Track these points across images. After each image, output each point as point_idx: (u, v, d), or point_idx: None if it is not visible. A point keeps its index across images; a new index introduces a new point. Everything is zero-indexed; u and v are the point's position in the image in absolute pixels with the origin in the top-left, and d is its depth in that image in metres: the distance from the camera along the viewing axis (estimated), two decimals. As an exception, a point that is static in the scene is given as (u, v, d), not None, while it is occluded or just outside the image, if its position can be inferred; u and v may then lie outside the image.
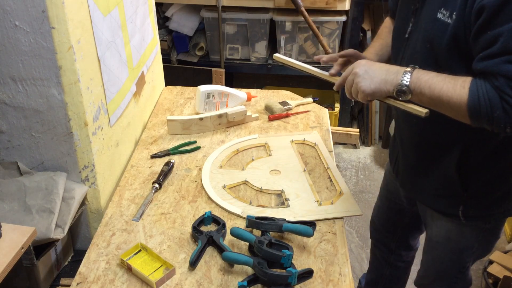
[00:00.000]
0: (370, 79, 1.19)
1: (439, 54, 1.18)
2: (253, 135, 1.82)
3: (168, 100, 2.08)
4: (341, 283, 1.24)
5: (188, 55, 3.17)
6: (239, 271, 1.27)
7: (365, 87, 1.20)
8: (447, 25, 1.14)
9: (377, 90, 1.20)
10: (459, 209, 1.36)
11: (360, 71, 1.21)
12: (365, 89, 1.20)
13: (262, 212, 1.44)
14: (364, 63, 1.23)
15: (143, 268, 1.26)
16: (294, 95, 2.14)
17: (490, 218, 1.39)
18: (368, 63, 1.23)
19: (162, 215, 1.45)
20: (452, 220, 1.41)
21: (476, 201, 1.35)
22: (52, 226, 1.35)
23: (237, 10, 2.95)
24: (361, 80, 1.20)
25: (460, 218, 1.37)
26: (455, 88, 1.11)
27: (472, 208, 1.36)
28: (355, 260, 2.50)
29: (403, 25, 1.31)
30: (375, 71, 1.20)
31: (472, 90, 1.09)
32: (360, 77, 1.20)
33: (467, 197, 1.34)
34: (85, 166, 1.47)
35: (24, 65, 1.31)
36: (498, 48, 1.05)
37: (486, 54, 1.08)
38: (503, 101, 1.06)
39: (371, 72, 1.20)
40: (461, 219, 1.37)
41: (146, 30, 1.90)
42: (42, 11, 1.23)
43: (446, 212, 1.41)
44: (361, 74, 1.21)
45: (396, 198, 1.68)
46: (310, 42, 3.03)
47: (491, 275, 2.17)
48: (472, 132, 1.20)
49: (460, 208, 1.36)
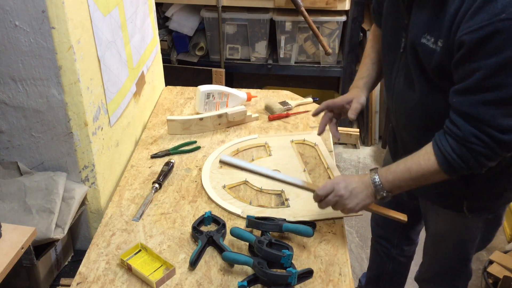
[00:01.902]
0: (355, 198, 1.26)
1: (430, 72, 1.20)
2: (253, 135, 1.82)
3: (168, 100, 2.09)
4: (341, 283, 1.24)
5: (188, 55, 3.17)
6: (239, 271, 1.27)
7: (353, 206, 1.27)
8: (433, 51, 1.16)
9: (364, 206, 1.28)
10: (463, 205, 1.37)
11: (345, 193, 1.26)
12: (354, 208, 1.27)
13: (262, 212, 1.44)
14: (342, 182, 1.27)
15: (143, 268, 1.26)
16: (294, 95, 2.14)
17: (494, 208, 1.41)
18: (346, 180, 1.28)
19: (162, 215, 1.45)
20: (456, 214, 1.41)
21: (479, 195, 1.36)
22: (52, 226, 1.35)
23: (237, 10, 2.96)
24: (348, 202, 1.27)
25: (464, 212, 1.38)
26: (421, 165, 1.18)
27: (476, 202, 1.37)
28: (355, 260, 2.50)
29: (396, 40, 1.31)
30: (356, 188, 1.26)
31: (437, 155, 1.15)
32: (347, 199, 1.26)
33: (470, 192, 1.34)
34: (85, 166, 1.47)
35: (24, 65, 1.31)
36: (473, 83, 1.07)
37: (461, 87, 1.11)
38: (470, 151, 1.11)
39: (354, 191, 1.26)
40: (466, 213, 1.38)
41: (146, 30, 1.90)
42: (42, 11, 1.23)
43: (451, 207, 1.41)
44: (346, 195, 1.26)
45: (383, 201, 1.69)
46: (310, 42, 3.03)
47: (491, 275, 2.17)
48: None
49: (465, 203, 1.37)
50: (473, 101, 1.09)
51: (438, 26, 1.13)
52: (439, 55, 1.14)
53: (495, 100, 1.07)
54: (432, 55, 1.16)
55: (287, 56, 3.08)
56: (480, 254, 2.53)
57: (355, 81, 1.55)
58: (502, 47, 1.02)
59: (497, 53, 1.03)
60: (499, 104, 1.07)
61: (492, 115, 1.08)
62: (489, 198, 1.37)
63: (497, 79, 1.05)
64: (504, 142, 1.09)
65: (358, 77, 1.55)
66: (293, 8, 2.81)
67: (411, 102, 1.30)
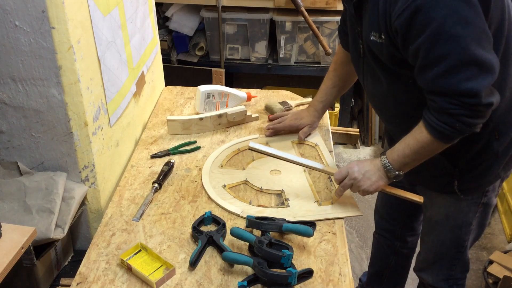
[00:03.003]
0: (368, 180, 1.37)
1: (387, 64, 1.31)
2: (254, 135, 1.82)
3: (168, 100, 2.09)
4: (341, 283, 1.24)
5: (188, 55, 3.17)
6: (239, 271, 1.27)
7: (368, 187, 1.38)
8: (381, 45, 1.27)
9: (379, 187, 1.38)
10: (454, 185, 1.43)
11: (358, 176, 1.38)
12: (369, 189, 1.38)
13: (261, 212, 1.44)
14: (355, 167, 1.39)
15: (143, 268, 1.26)
16: (294, 95, 2.14)
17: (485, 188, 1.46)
18: (359, 165, 1.40)
19: (162, 215, 1.45)
20: (449, 197, 1.48)
21: (468, 175, 1.42)
22: (52, 226, 1.35)
23: (237, 10, 2.95)
24: (362, 183, 1.38)
25: (457, 193, 1.44)
26: (417, 138, 1.28)
27: (466, 181, 1.43)
28: (355, 260, 2.50)
29: (356, 47, 1.44)
30: (368, 171, 1.38)
31: (427, 127, 1.25)
32: (361, 181, 1.37)
33: (459, 172, 1.41)
34: (85, 166, 1.47)
35: (24, 65, 1.31)
36: (422, 62, 1.17)
37: (416, 68, 1.21)
38: (452, 116, 1.19)
39: (367, 173, 1.37)
40: (458, 193, 1.44)
41: (146, 30, 1.90)
42: (42, 11, 1.23)
43: (443, 190, 1.48)
44: (360, 178, 1.38)
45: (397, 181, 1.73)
46: (310, 42, 3.03)
47: (491, 275, 2.17)
48: None
49: (455, 183, 1.43)
50: (431, 77, 1.18)
51: (377, 21, 1.24)
52: (386, 47, 1.25)
53: (447, 69, 1.15)
54: (382, 49, 1.27)
55: (287, 56, 3.08)
56: (480, 254, 2.53)
57: (314, 101, 1.78)
58: (427, 22, 1.11)
59: (425, 29, 1.12)
60: (452, 71, 1.14)
61: (452, 83, 1.15)
62: (478, 175, 1.42)
63: (437, 51, 1.14)
64: (474, 105, 1.16)
65: (316, 99, 1.77)
66: (293, 8, 2.81)
67: (382, 96, 1.42)
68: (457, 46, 1.12)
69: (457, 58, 1.13)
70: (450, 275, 1.62)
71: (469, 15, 1.10)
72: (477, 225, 1.54)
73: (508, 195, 2.69)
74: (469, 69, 1.14)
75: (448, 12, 1.10)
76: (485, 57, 1.14)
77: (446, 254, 1.59)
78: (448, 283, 1.62)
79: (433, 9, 1.10)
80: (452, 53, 1.13)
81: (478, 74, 1.14)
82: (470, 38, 1.11)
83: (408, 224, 1.88)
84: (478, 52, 1.12)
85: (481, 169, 1.41)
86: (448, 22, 1.10)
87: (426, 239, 1.63)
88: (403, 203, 1.79)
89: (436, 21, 1.11)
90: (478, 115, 1.20)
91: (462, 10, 1.10)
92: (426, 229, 1.63)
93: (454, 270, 1.61)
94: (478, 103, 1.16)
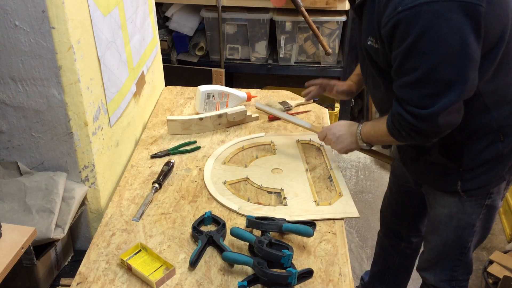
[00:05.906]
0: (341, 143, 1.55)
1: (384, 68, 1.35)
2: (260, 133, 1.83)
3: (168, 100, 2.09)
4: (341, 283, 1.24)
5: (188, 55, 3.17)
6: (239, 271, 1.27)
7: (339, 149, 1.56)
8: (377, 50, 1.32)
9: (349, 150, 1.55)
10: (457, 185, 1.44)
11: (332, 138, 1.57)
12: (340, 150, 1.56)
13: (259, 210, 1.45)
14: (333, 129, 1.57)
15: (143, 268, 1.26)
16: (294, 95, 2.14)
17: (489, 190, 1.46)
18: (336, 127, 1.56)
19: (162, 215, 1.45)
20: (453, 197, 1.48)
21: (472, 175, 1.42)
22: (52, 226, 1.35)
23: (237, 10, 2.95)
24: (335, 145, 1.57)
25: (460, 193, 1.45)
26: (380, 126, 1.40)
27: (469, 181, 1.43)
28: (355, 260, 2.50)
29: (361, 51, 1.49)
30: (342, 136, 1.54)
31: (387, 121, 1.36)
32: (334, 142, 1.57)
33: (463, 171, 1.42)
34: (85, 166, 1.47)
35: (24, 65, 1.31)
36: (396, 69, 1.25)
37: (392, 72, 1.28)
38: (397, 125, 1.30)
39: (340, 137, 1.55)
40: (461, 194, 1.45)
41: (146, 30, 1.90)
42: (42, 11, 1.23)
43: (447, 190, 1.48)
44: (333, 141, 1.56)
45: (403, 180, 1.76)
46: (310, 42, 3.03)
47: (491, 275, 2.17)
48: None
49: (459, 184, 1.43)
50: (399, 84, 1.26)
51: (373, 27, 1.29)
52: (381, 52, 1.30)
53: (413, 81, 1.21)
54: (378, 54, 1.32)
55: (287, 56, 3.08)
56: (480, 254, 2.53)
57: (352, 75, 1.83)
58: (405, 35, 1.17)
59: (403, 40, 1.18)
60: (417, 84, 1.21)
61: (411, 95, 1.23)
62: (481, 176, 1.42)
63: (410, 63, 1.20)
64: (422, 116, 1.22)
65: (354, 73, 1.82)
66: (293, 8, 2.81)
67: (382, 98, 1.47)
68: (426, 63, 1.17)
69: (425, 74, 1.18)
70: (452, 276, 1.61)
71: (445, 33, 1.13)
72: (481, 227, 1.53)
73: (508, 195, 2.69)
74: (434, 86, 1.19)
75: (424, 29, 1.14)
76: (454, 77, 1.17)
77: (449, 255, 1.59)
78: (451, 285, 1.62)
79: (412, 24, 1.15)
80: (421, 68, 1.18)
81: (443, 92, 1.18)
82: (442, 57, 1.15)
83: (413, 225, 1.88)
84: (447, 71, 1.16)
85: (485, 170, 1.41)
86: (422, 39, 1.15)
87: (429, 238, 1.63)
88: (408, 202, 1.82)
89: (412, 36, 1.15)
90: (429, 130, 1.26)
91: (438, 28, 1.13)
92: (430, 228, 1.63)
93: (456, 271, 1.61)
94: (433, 120, 1.22)
